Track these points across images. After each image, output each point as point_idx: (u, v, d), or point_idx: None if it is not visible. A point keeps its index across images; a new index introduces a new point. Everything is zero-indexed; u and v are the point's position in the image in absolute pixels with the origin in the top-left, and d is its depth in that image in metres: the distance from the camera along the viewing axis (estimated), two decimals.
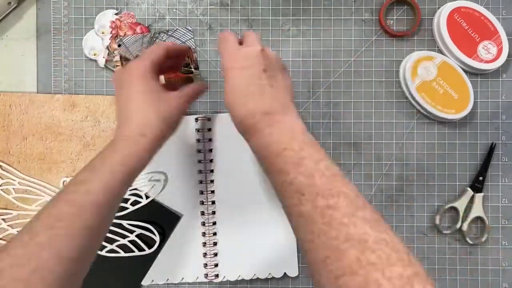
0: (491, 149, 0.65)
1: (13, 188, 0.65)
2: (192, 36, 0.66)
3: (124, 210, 0.64)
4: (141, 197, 0.64)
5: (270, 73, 0.46)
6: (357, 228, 0.37)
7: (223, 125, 0.65)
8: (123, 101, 0.50)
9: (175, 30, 0.66)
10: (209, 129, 0.65)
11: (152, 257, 0.64)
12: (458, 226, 0.65)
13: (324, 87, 0.66)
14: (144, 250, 0.64)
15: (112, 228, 0.63)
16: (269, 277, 0.65)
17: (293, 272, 0.65)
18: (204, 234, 0.65)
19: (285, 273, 0.65)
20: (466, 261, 0.66)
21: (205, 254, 0.65)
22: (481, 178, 0.65)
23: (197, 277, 0.65)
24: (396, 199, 0.66)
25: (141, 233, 0.64)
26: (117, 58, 0.66)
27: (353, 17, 0.66)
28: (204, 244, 0.65)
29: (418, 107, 0.65)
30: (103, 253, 0.64)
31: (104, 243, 0.63)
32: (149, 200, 0.64)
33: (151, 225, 0.64)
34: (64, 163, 0.65)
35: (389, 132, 0.66)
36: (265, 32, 0.66)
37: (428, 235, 0.66)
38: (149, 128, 0.48)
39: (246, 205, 0.65)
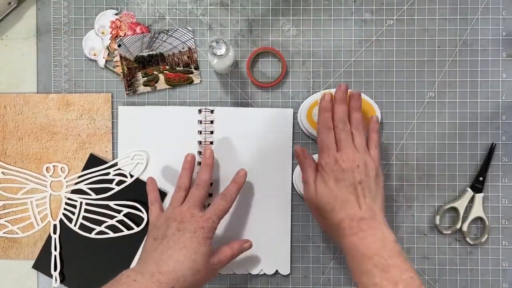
0: (491, 149, 0.65)
1: None
2: (192, 36, 0.66)
3: (109, 191, 0.65)
4: (125, 176, 0.65)
5: (364, 184, 0.54)
6: None
7: (226, 119, 0.65)
8: (170, 244, 0.54)
9: (175, 30, 0.66)
10: (212, 122, 0.65)
11: (141, 235, 0.65)
12: (458, 226, 0.65)
13: (324, 87, 0.66)
14: (132, 228, 0.64)
15: (99, 209, 0.65)
16: (260, 273, 0.65)
17: (285, 270, 0.65)
18: None
19: (276, 271, 0.65)
20: (466, 261, 0.66)
21: None
22: (481, 178, 0.65)
23: None
24: (396, 199, 0.66)
25: (128, 212, 0.65)
26: (117, 58, 0.66)
27: (353, 17, 0.66)
28: None
29: None
30: (92, 235, 0.64)
31: (92, 225, 0.64)
32: (133, 179, 0.65)
33: (138, 203, 0.65)
34: (60, 162, 0.66)
35: (389, 132, 0.66)
36: (265, 32, 0.66)
37: (428, 235, 0.66)
38: (179, 283, 0.52)
39: (243, 200, 0.65)
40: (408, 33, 0.66)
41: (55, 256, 0.65)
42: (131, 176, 0.65)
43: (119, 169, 0.65)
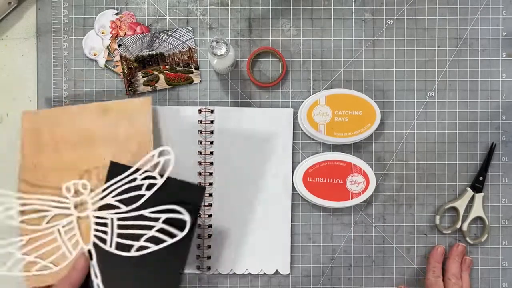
0: (491, 149, 0.65)
1: (15, 212, 0.58)
2: (192, 36, 0.66)
3: (140, 199, 0.55)
4: (155, 178, 0.56)
5: None
6: None
7: (226, 119, 0.65)
8: None
9: (175, 30, 0.66)
10: (212, 122, 0.65)
11: (187, 240, 0.55)
12: (458, 226, 0.65)
13: (325, 87, 0.66)
14: (176, 235, 0.54)
15: (133, 222, 0.56)
16: (260, 273, 0.65)
17: (285, 270, 0.65)
18: (199, 225, 0.65)
19: (276, 270, 0.65)
20: None
21: (198, 246, 0.65)
22: (481, 178, 0.65)
23: (189, 268, 0.65)
24: (396, 199, 0.66)
25: (167, 218, 0.55)
26: (117, 58, 0.66)
27: (353, 17, 0.66)
28: (199, 235, 0.65)
29: (340, 144, 0.66)
30: (131, 253, 0.55)
31: (129, 242, 0.55)
32: (164, 178, 0.55)
33: (176, 205, 0.55)
34: (98, 169, 0.59)
35: (390, 132, 0.66)
36: (265, 32, 0.66)
37: (428, 235, 0.66)
38: None
39: (243, 200, 0.65)
40: (408, 33, 0.66)
41: (97, 284, 0.55)
42: (161, 176, 0.56)
43: (145, 171, 0.56)
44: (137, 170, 0.56)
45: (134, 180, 0.56)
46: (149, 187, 0.56)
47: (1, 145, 0.66)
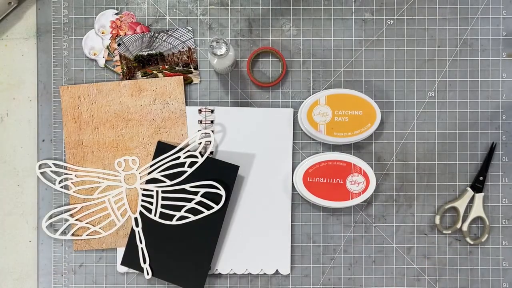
0: (491, 149, 0.65)
1: (71, 183, 0.65)
2: (192, 36, 0.66)
3: (183, 174, 0.63)
4: (196, 157, 0.63)
5: None
6: None
7: (226, 119, 0.65)
8: None
9: (175, 30, 0.66)
10: (212, 122, 0.65)
11: (221, 214, 0.64)
12: (458, 226, 0.65)
13: (325, 87, 0.66)
14: (212, 208, 0.63)
15: (176, 195, 0.64)
16: (261, 273, 0.65)
17: (285, 270, 0.65)
18: None
19: (277, 270, 0.65)
20: (467, 261, 0.66)
21: None
22: (481, 178, 0.65)
23: None
24: (396, 199, 0.66)
25: (205, 192, 0.63)
26: (117, 57, 0.66)
27: (353, 17, 0.66)
28: None
29: (340, 144, 0.65)
30: (173, 222, 0.63)
31: (172, 212, 0.63)
32: (205, 157, 0.63)
33: (213, 181, 0.63)
34: (137, 148, 0.65)
35: (390, 131, 0.66)
36: (265, 32, 0.66)
37: (429, 235, 0.66)
38: None
39: (243, 200, 0.65)
40: (408, 32, 0.66)
41: (141, 248, 0.64)
42: (202, 155, 0.64)
43: (188, 150, 0.64)
44: (180, 149, 0.64)
45: (178, 158, 0.64)
46: (191, 164, 0.64)
47: (1, 145, 0.66)
